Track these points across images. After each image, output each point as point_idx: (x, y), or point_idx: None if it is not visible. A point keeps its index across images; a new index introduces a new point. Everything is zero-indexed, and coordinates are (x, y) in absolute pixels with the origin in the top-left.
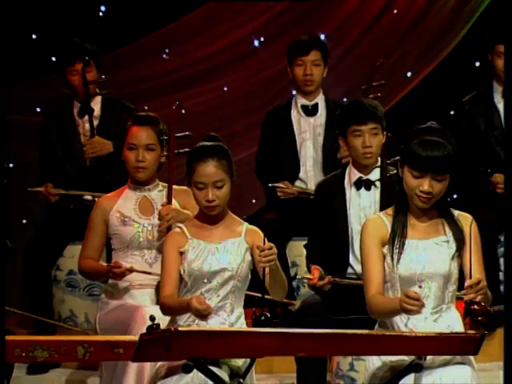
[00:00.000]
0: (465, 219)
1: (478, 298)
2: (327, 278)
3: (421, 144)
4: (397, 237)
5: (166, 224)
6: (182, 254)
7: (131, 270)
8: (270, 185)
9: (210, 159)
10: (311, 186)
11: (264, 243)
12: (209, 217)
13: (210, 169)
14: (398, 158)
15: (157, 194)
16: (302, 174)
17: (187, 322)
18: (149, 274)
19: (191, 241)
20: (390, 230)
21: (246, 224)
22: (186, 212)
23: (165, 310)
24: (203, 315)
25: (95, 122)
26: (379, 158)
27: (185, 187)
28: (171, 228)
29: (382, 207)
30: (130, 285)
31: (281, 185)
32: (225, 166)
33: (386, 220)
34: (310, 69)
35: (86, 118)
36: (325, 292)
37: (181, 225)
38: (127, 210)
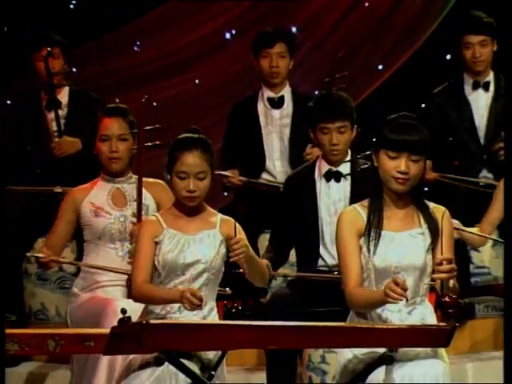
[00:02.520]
0: (438, 211)
1: (449, 281)
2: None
3: (395, 125)
4: (373, 228)
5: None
6: (156, 243)
7: (56, 261)
8: (216, 172)
9: (194, 150)
10: (280, 178)
11: (235, 235)
12: (185, 207)
13: (194, 159)
14: (368, 152)
15: (130, 185)
16: (269, 167)
17: (160, 315)
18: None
19: (166, 231)
20: (365, 221)
21: (219, 215)
22: None
23: (139, 296)
24: (193, 308)
25: (63, 113)
26: (349, 152)
27: (159, 180)
28: None
29: (353, 200)
30: (102, 279)
31: (228, 173)
32: (208, 158)
33: (361, 212)
34: (275, 61)
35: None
36: (296, 285)
37: (156, 213)
38: (100, 201)
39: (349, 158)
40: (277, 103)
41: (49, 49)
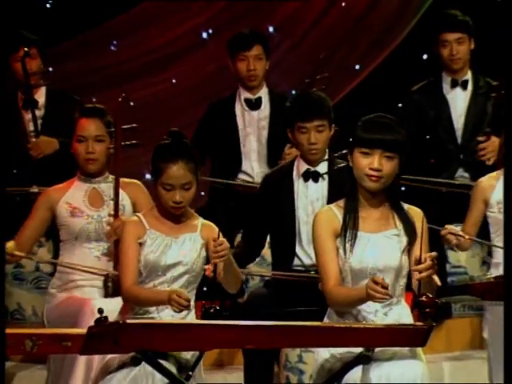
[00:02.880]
0: (414, 213)
1: (429, 272)
2: None
3: (368, 124)
4: (348, 229)
5: (115, 237)
6: (140, 244)
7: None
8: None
9: (179, 161)
10: (257, 179)
11: (218, 237)
12: (167, 210)
13: (179, 171)
14: (345, 151)
15: (106, 185)
16: (246, 168)
17: (138, 315)
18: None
19: (149, 231)
20: (341, 222)
21: (201, 219)
22: None
23: (128, 298)
24: (181, 310)
25: (40, 113)
26: (327, 151)
27: (135, 180)
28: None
29: (330, 200)
30: (78, 278)
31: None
32: (192, 168)
33: (337, 212)
34: (253, 64)
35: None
36: (273, 285)
37: (139, 214)
38: (76, 202)
39: (326, 157)
40: (254, 104)
41: (26, 49)
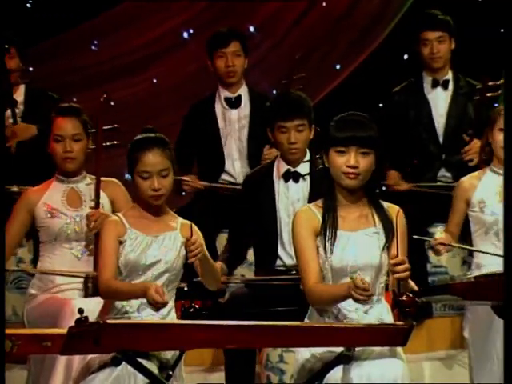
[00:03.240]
0: (393, 210)
1: (403, 275)
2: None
3: (341, 121)
4: (328, 228)
5: (92, 227)
6: (120, 242)
7: None
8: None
9: (154, 148)
10: (239, 179)
11: (191, 236)
12: (147, 208)
13: (155, 157)
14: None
15: (85, 186)
16: (228, 168)
17: (118, 315)
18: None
19: (130, 231)
20: (321, 221)
21: (180, 218)
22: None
23: (107, 292)
24: (157, 307)
25: (19, 111)
26: (308, 152)
27: (113, 179)
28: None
29: (311, 200)
30: (58, 280)
31: (186, 178)
32: (169, 155)
33: (316, 211)
34: (231, 60)
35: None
36: (254, 285)
37: (119, 214)
38: (55, 202)
39: (307, 158)
40: (234, 103)
41: (6, 46)
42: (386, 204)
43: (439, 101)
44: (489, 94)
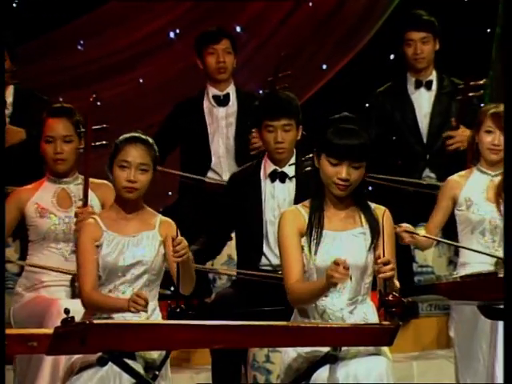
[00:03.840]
0: (380, 211)
1: (388, 274)
2: None
3: (337, 132)
4: (314, 228)
5: (80, 225)
6: (97, 246)
7: None
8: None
9: (138, 143)
10: (226, 176)
11: (177, 236)
12: (124, 207)
13: (138, 150)
14: (311, 154)
15: (75, 186)
16: (215, 165)
17: (103, 315)
18: (61, 272)
19: (106, 233)
20: (307, 221)
21: (159, 216)
22: None
23: (89, 304)
24: (138, 309)
25: (8, 112)
26: (294, 152)
27: (105, 181)
28: None
29: (297, 202)
30: (45, 279)
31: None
32: (152, 154)
33: (303, 211)
34: (222, 56)
35: None
36: (240, 284)
37: (95, 216)
38: (45, 202)
39: (293, 160)
40: (222, 101)
41: None
42: (373, 205)
43: (423, 101)
44: (471, 94)
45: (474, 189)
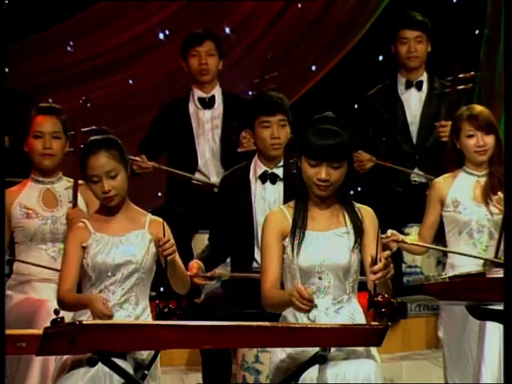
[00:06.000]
0: (364, 211)
1: (388, 276)
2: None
3: (314, 133)
4: (297, 228)
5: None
6: (84, 248)
7: None
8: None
9: (99, 151)
10: (213, 178)
11: (164, 235)
12: (110, 209)
13: (100, 160)
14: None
15: (60, 186)
16: (201, 167)
17: (90, 317)
18: (50, 269)
19: (94, 235)
20: (290, 222)
21: (149, 215)
22: None
23: (62, 304)
24: (103, 317)
25: None
26: (282, 156)
27: None
28: None
29: (286, 203)
30: (34, 278)
31: (137, 158)
32: (116, 155)
33: (287, 212)
34: (204, 58)
35: None
36: (230, 285)
37: (84, 220)
38: (30, 203)
39: (281, 163)
40: (208, 103)
41: None
42: (357, 205)
43: (413, 102)
44: (460, 87)
45: (460, 190)
